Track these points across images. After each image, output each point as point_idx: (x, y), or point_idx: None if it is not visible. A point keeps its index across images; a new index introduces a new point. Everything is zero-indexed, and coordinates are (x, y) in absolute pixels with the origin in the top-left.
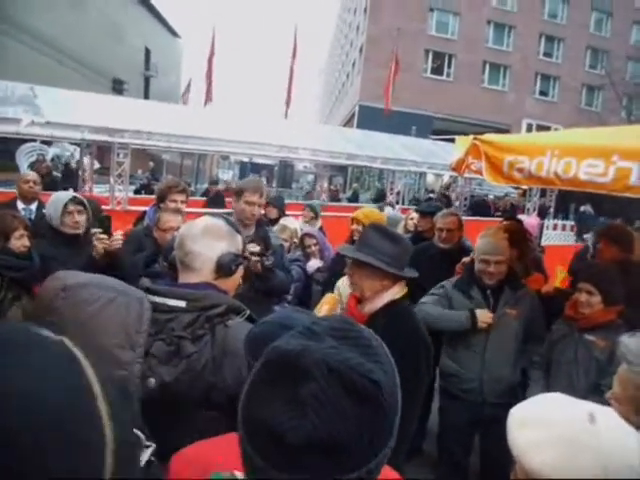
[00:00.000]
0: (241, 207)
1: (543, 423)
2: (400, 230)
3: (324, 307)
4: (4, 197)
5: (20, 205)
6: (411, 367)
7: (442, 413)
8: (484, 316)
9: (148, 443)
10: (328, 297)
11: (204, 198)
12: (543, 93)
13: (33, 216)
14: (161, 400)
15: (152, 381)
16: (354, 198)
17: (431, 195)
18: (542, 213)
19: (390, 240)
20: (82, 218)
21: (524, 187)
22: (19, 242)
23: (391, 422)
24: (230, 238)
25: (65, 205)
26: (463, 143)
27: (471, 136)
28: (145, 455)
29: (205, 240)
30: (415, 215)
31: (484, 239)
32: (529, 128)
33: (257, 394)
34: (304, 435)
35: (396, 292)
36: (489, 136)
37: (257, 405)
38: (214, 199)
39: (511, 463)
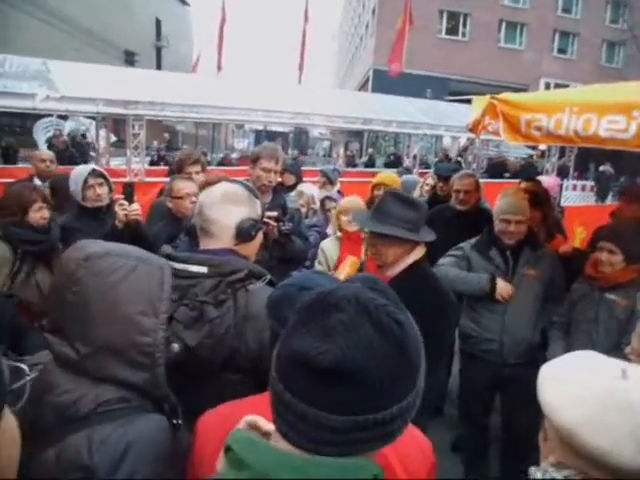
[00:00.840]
0: (257, 174)
1: (575, 380)
2: (416, 195)
3: (345, 269)
4: (24, 173)
5: (37, 183)
6: (438, 326)
7: (462, 374)
8: (504, 289)
9: (29, 373)
10: (349, 260)
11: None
12: (562, 51)
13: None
14: (186, 364)
15: (175, 346)
16: (370, 163)
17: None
18: (561, 173)
19: (408, 206)
20: (103, 190)
21: (542, 147)
22: (38, 214)
23: (414, 371)
24: (249, 204)
25: (85, 179)
26: (480, 103)
27: (488, 96)
28: (24, 381)
29: (224, 206)
30: (430, 181)
31: (504, 199)
32: (547, 87)
33: (292, 333)
34: (331, 358)
35: (417, 255)
36: (506, 95)
37: (290, 342)
38: None
39: (532, 422)
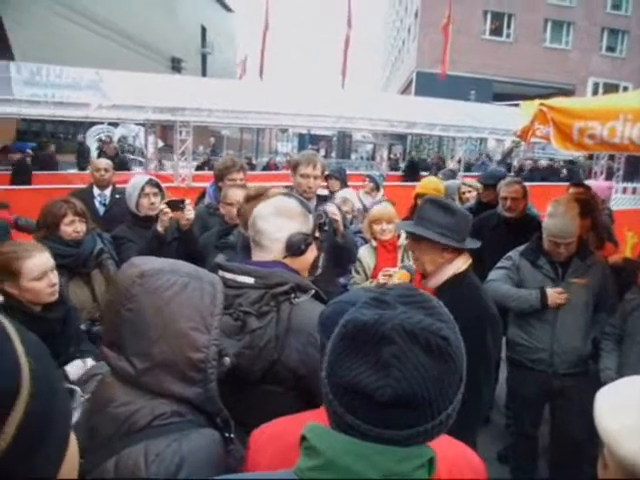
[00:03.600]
0: (297, 181)
1: (635, 408)
2: (457, 202)
3: (396, 282)
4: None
5: (96, 191)
6: (477, 341)
7: (510, 383)
8: (555, 296)
9: (82, 394)
10: (399, 273)
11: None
12: (610, 49)
13: (107, 201)
14: (225, 374)
15: (227, 360)
16: (413, 167)
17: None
18: (610, 176)
19: (445, 211)
20: (157, 200)
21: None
22: (69, 228)
23: (460, 372)
24: (301, 218)
25: (142, 188)
26: (528, 109)
27: (537, 101)
28: (76, 402)
29: (276, 220)
30: (467, 188)
31: (553, 219)
32: (595, 87)
33: (342, 362)
34: (391, 392)
35: (460, 265)
36: (557, 101)
37: (344, 371)
38: None
39: (582, 434)
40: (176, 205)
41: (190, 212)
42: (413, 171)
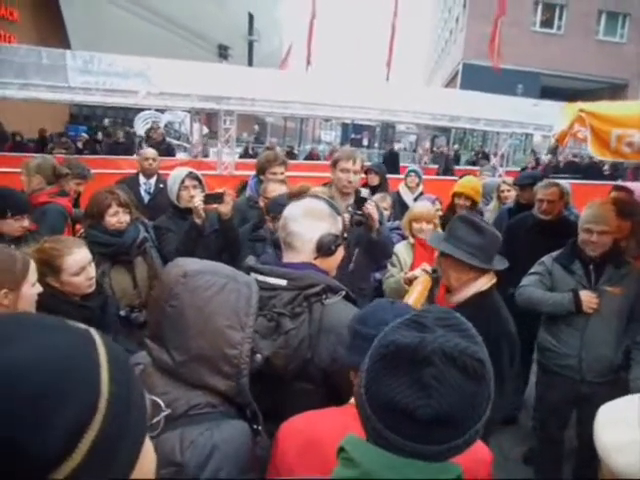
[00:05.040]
0: (337, 176)
1: (629, 424)
2: (493, 203)
3: (417, 287)
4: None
5: (142, 180)
6: (493, 362)
7: (538, 387)
8: (589, 300)
9: (165, 409)
10: (422, 279)
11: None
12: None
13: (152, 189)
14: (261, 371)
15: (259, 357)
16: (456, 160)
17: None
18: None
19: (476, 231)
20: (197, 192)
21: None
22: (113, 219)
23: (490, 390)
24: (331, 219)
25: (182, 180)
26: (568, 113)
27: (577, 104)
28: (160, 417)
29: (306, 221)
30: (507, 187)
31: (589, 210)
32: None
33: (382, 381)
34: (432, 412)
35: (483, 284)
36: (597, 106)
37: (384, 389)
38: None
39: None
40: (214, 198)
41: (229, 204)
42: (392, 162)
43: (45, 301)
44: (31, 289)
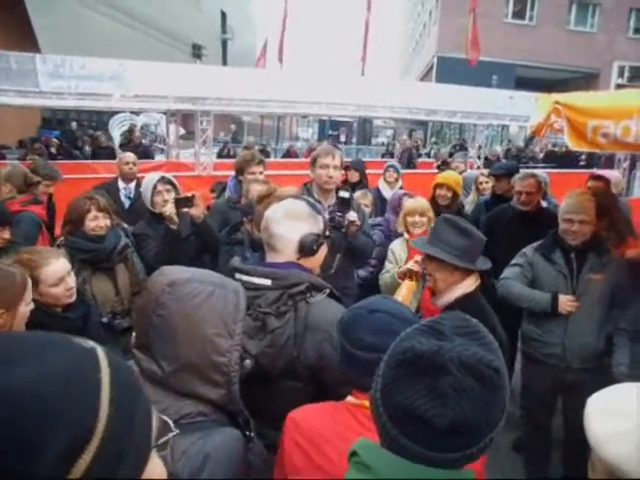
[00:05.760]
0: (317, 173)
1: (620, 414)
2: (472, 196)
3: (403, 291)
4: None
5: (121, 184)
6: None
7: (524, 375)
8: (566, 303)
9: (174, 429)
10: (407, 284)
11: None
12: (638, 31)
13: (132, 194)
14: (249, 372)
15: (248, 362)
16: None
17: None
18: (634, 163)
19: (460, 233)
20: (171, 196)
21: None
22: (93, 223)
23: (505, 399)
24: (311, 219)
25: (154, 186)
26: (544, 105)
27: (552, 95)
28: (169, 437)
29: (287, 223)
30: (484, 179)
31: (568, 200)
32: (621, 71)
33: (399, 388)
34: (448, 420)
35: (468, 285)
36: (572, 97)
37: (401, 396)
38: None
39: None
40: (184, 202)
41: (200, 207)
42: (409, 158)
43: None
44: (25, 308)
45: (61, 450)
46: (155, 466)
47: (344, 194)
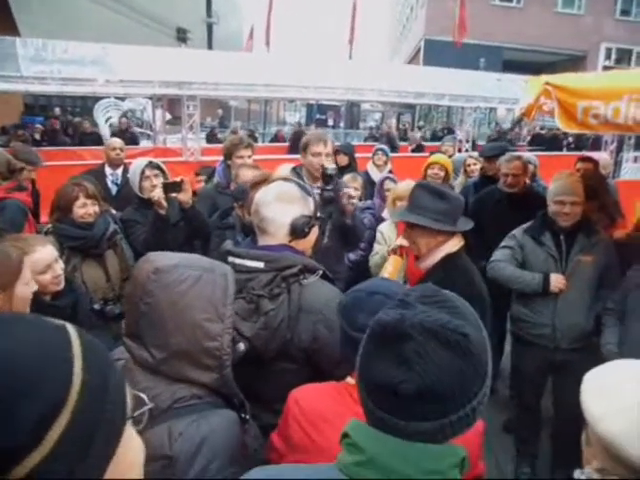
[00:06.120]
0: (309, 160)
1: (617, 391)
2: (460, 178)
3: (388, 268)
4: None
5: (108, 171)
6: None
7: (513, 357)
8: (557, 281)
9: (148, 402)
10: (392, 259)
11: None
12: (625, 12)
13: (119, 181)
14: (244, 354)
15: (241, 346)
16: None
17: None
18: (621, 145)
19: (438, 197)
20: (159, 181)
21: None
22: (81, 210)
23: (484, 368)
24: (302, 201)
25: (142, 171)
26: (534, 86)
27: (542, 77)
28: (144, 409)
29: (278, 206)
30: (472, 161)
31: (558, 181)
32: (608, 52)
33: (369, 361)
34: (414, 385)
35: (451, 246)
36: (562, 78)
37: (371, 369)
38: None
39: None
40: (172, 187)
41: (188, 192)
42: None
43: None
44: (26, 288)
45: (35, 416)
46: (132, 439)
47: (330, 170)
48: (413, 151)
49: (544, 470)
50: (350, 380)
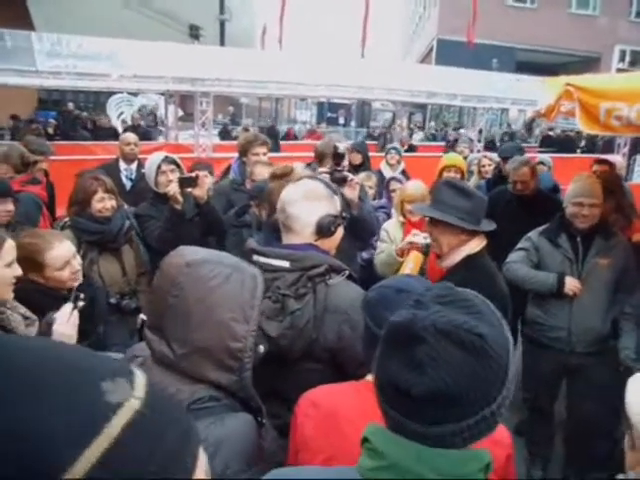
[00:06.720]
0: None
1: None
2: (474, 178)
3: (409, 265)
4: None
5: (122, 165)
6: None
7: (527, 359)
8: (571, 284)
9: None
10: (413, 255)
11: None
12: None
13: (134, 176)
14: (268, 353)
15: (262, 348)
16: (432, 137)
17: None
18: (635, 147)
19: (463, 195)
20: (175, 176)
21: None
22: (99, 205)
23: (504, 368)
24: (328, 200)
25: (159, 165)
26: (553, 87)
27: (562, 78)
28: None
29: (304, 204)
30: (487, 162)
31: (577, 183)
32: (622, 55)
33: (384, 362)
34: (425, 388)
35: (474, 246)
36: (584, 79)
37: (385, 370)
38: None
39: (598, 412)
40: (188, 182)
41: (203, 187)
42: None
43: (31, 297)
44: (5, 270)
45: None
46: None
47: (342, 149)
48: (406, 151)
49: (556, 473)
50: (370, 378)
